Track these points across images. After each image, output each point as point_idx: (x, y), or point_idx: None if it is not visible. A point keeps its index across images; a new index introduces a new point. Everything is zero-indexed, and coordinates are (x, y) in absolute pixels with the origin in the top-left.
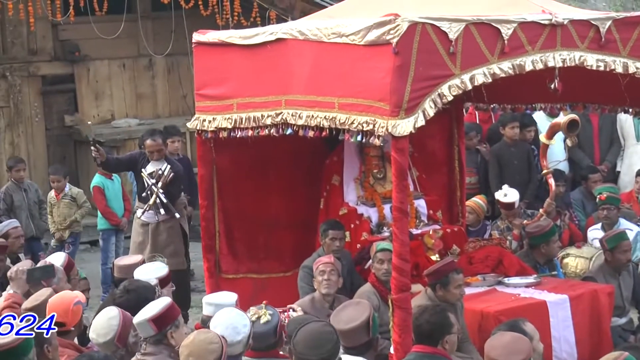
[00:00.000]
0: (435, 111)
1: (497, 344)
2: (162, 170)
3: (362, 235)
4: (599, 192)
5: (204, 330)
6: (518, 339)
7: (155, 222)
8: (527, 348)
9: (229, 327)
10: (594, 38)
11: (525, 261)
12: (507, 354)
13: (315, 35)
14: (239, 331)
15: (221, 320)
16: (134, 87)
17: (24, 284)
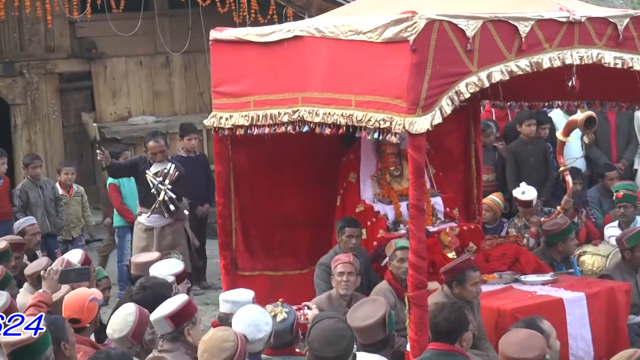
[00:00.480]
0: (452, 109)
1: (511, 340)
2: (167, 169)
3: (379, 233)
4: (616, 189)
5: (224, 328)
6: (532, 336)
7: (160, 226)
8: (542, 345)
9: (251, 324)
10: (611, 35)
11: (542, 259)
12: (521, 351)
13: (332, 32)
14: (260, 329)
15: (243, 317)
16: (151, 84)
17: (56, 284)
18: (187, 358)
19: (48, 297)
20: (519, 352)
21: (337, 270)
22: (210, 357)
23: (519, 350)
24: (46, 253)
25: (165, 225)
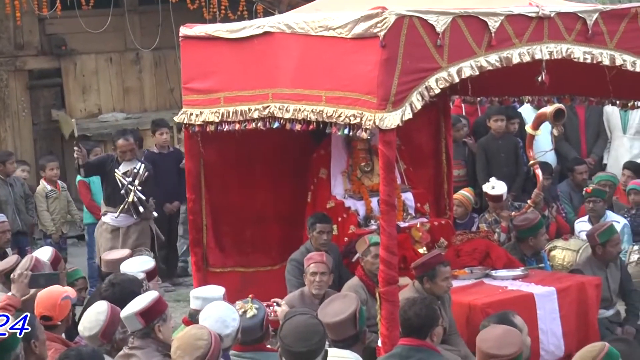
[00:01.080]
0: (422, 104)
1: (488, 336)
2: (137, 169)
3: (350, 229)
4: (598, 179)
5: (198, 326)
6: (510, 332)
7: (127, 226)
8: (519, 341)
9: (218, 320)
10: (581, 30)
11: (512, 254)
12: (498, 347)
13: (302, 28)
14: (227, 325)
15: (210, 314)
16: (121, 81)
17: (25, 287)
18: (158, 355)
19: (17, 301)
20: (495, 349)
21: (310, 269)
22: (183, 354)
23: (496, 346)
24: (17, 251)
25: (132, 224)
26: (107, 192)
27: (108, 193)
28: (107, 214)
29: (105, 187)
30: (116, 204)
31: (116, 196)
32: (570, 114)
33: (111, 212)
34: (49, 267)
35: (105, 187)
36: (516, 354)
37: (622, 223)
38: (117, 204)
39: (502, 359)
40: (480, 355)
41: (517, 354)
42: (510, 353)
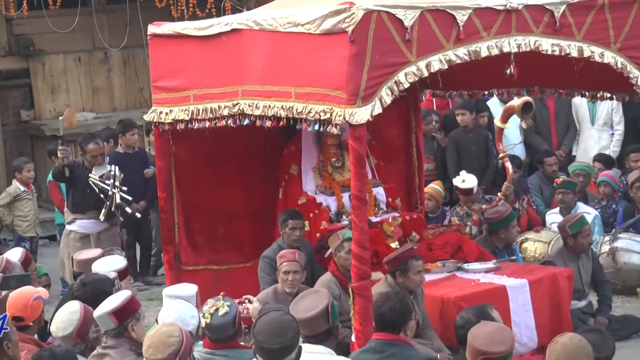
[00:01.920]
0: (392, 99)
1: (480, 333)
2: (112, 171)
3: (322, 224)
4: (573, 169)
5: (169, 324)
6: (502, 330)
7: (97, 232)
8: (511, 339)
9: (178, 319)
10: (548, 23)
11: (484, 246)
12: (490, 344)
13: (270, 25)
14: (187, 323)
15: (169, 313)
16: (90, 80)
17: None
18: (131, 354)
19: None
20: (487, 345)
21: (282, 268)
22: (155, 352)
23: (488, 343)
24: None
25: (102, 230)
26: (74, 199)
27: (76, 199)
28: (75, 221)
29: (72, 194)
30: (85, 210)
31: (85, 202)
32: (541, 107)
33: (80, 218)
34: (20, 268)
35: (72, 194)
36: (507, 352)
37: (593, 214)
38: (87, 210)
39: (493, 356)
40: (471, 352)
41: (509, 352)
42: (502, 351)
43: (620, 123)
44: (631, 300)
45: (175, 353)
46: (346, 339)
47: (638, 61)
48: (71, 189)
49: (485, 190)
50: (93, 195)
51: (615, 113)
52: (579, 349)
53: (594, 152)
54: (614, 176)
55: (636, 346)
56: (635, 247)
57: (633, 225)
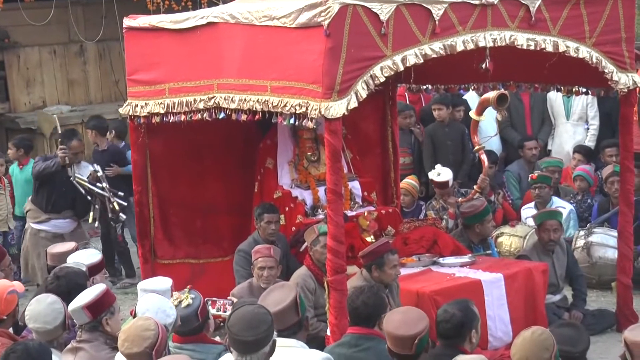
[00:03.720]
0: (367, 93)
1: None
2: (96, 170)
3: (297, 218)
4: (544, 165)
5: (144, 317)
6: (411, 311)
7: (70, 231)
8: (424, 315)
9: (159, 311)
10: (524, 17)
11: (459, 241)
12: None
13: (246, 18)
14: (168, 314)
15: (149, 306)
16: (66, 73)
17: None
18: (106, 348)
19: None
20: (403, 330)
21: (257, 264)
22: (131, 346)
23: (404, 327)
24: None
25: (74, 229)
26: (49, 198)
27: (52, 199)
28: (49, 220)
29: (46, 193)
30: (61, 210)
31: (61, 201)
32: (516, 101)
33: (55, 218)
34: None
35: (46, 193)
36: (426, 329)
37: (568, 209)
38: (62, 209)
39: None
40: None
41: (427, 329)
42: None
43: (595, 118)
44: (606, 295)
45: (151, 347)
46: (321, 332)
47: (613, 56)
48: (46, 188)
49: (461, 184)
50: (69, 194)
51: (590, 108)
52: (538, 343)
53: (569, 147)
54: (590, 171)
55: (610, 340)
56: (610, 241)
57: (608, 219)
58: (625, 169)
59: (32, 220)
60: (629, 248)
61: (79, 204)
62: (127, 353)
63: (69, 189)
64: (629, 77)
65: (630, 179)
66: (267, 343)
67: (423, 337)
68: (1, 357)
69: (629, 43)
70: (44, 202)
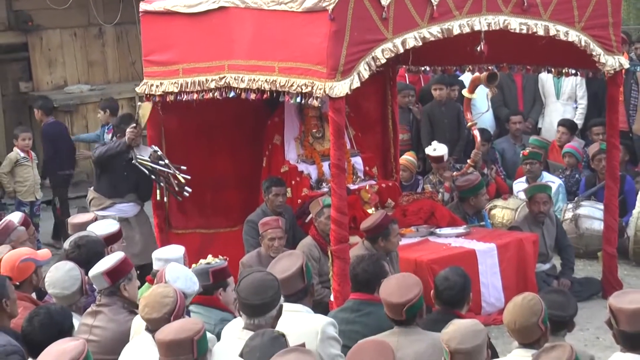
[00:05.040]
0: (369, 73)
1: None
2: (155, 150)
3: (303, 191)
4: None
5: (163, 285)
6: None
7: (134, 215)
8: (417, 281)
9: (187, 279)
10: (517, 3)
11: (455, 213)
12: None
13: (255, 3)
14: (194, 281)
15: (179, 274)
16: (85, 54)
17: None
18: (124, 311)
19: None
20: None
21: (267, 235)
22: (151, 311)
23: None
24: None
25: (138, 212)
26: (112, 183)
27: (115, 183)
28: (114, 205)
29: (108, 178)
30: (124, 194)
31: (124, 186)
32: (509, 82)
33: (119, 202)
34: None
35: (108, 178)
36: (421, 292)
37: (557, 183)
38: (125, 193)
39: (411, 303)
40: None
41: (421, 292)
42: (415, 295)
43: (583, 97)
44: (592, 264)
45: (169, 312)
46: (325, 298)
47: (600, 39)
48: (108, 174)
49: (457, 160)
50: (131, 178)
51: (579, 88)
52: (527, 308)
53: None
54: (578, 147)
55: (596, 306)
56: (596, 214)
57: (594, 193)
58: (612, 146)
59: (96, 207)
60: (614, 220)
61: (142, 186)
62: (147, 318)
63: (130, 173)
64: (616, 59)
65: (616, 156)
66: (274, 307)
67: (414, 304)
68: (25, 320)
69: (615, 27)
70: (106, 187)
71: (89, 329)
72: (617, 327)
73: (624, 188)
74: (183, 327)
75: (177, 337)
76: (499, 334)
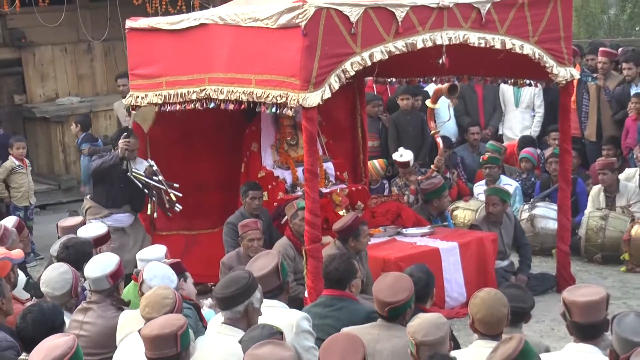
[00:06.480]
0: (339, 85)
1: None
2: (151, 164)
3: (278, 195)
4: (488, 147)
5: (164, 287)
6: (401, 278)
7: (129, 225)
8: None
9: (165, 278)
10: (475, 19)
11: (420, 214)
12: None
13: (233, 20)
14: (172, 280)
15: (155, 273)
16: (75, 68)
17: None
18: (112, 308)
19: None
20: (391, 296)
21: (247, 236)
22: (151, 311)
23: (392, 294)
24: None
25: (133, 221)
26: (110, 194)
27: (112, 194)
28: (111, 215)
29: (106, 189)
30: (121, 205)
31: (121, 197)
32: (470, 92)
33: (116, 212)
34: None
35: (106, 189)
36: (409, 297)
37: (514, 186)
38: (122, 204)
39: (398, 304)
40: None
41: (410, 297)
42: (405, 297)
43: (540, 106)
44: (547, 260)
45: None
46: (300, 294)
47: (553, 52)
48: (105, 185)
49: (421, 165)
50: (126, 189)
51: (537, 97)
52: (497, 300)
53: (518, 131)
54: (534, 153)
55: (551, 300)
56: (550, 214)
57: (549, 195)
58: (564, 151)
59: (93, 216)
60: (567, 220)
61: (136, 198)
62: (147, 317)
63: (126, 185)
64: (567, 70)
65: (568, 160)
66: (240, 303)
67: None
68: (20, 317)
69: (567, 41)
70: (104, 198)
71: (79, 325)
72: (570, 319)
73: (576, 190)
74: (167, 323)
75: (162, 332)
76: (462, 326)
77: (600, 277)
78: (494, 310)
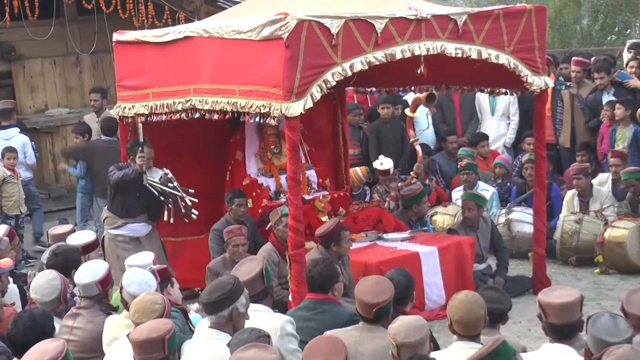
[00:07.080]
0: (321, 95)
1: (364, 289)
2: (166, 172)
3: (263, 202)
4: (460, 153)
5: (153, 293)
6: (381, 281)
7: (146, 234)
8: (391, 287)
9: (142, 283)
10: (452, 30)
11: (400, 219)
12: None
13: (217, 32)
14: (150, 285)
15: (134, 279)
16: (64, 81)
17: None
18: (101, 314)
19: None
20: (375, 298)
21: (232, 242)
22: (141, 316)
23: (374, 296)
24: None
25: (150, 231)
26: (125, 203)
27: (127, 204)
28: (126, 225)
29: (122, 199)
30: (136, 214)
31: (136, 206)
32: (447, 100)
33: (131, 222)
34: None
35: (122, 199)
36: (388, 301)
37: (491, 191)
38: (137, 213)
39: (382, 305)
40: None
41: (392, 297)
42: (387, 299)
43: (516, 114)
44: (523, 263)
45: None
46: (284, 298)
47: (528, 62)
48: (121, 195)
49: (401, 172)
50: (142, 199)
51: (512, 106)
52: (473, 302)
53: (493, 138)
54: (509, 159)
55: (528, 302)
56: (526, 218)
57: (525, 200)
58: (539, 157)
59: (110, 226)
60: (542, 224)
61: (153, 207)
62: (137, 322)
63: (142, 194)
64: (542, 79)
65: (543, 166)
66: (225, 308)
67: (383, 307)
68: (11, 323)
69: (541, 50)
70: (119, 208)
71: (69, 330)
72: (546, 320)
73: (551, 195)
74: (155, 327)
75: (150, 337)
76: (441, 328)
77: (575, 279)
78: (472, 312)
